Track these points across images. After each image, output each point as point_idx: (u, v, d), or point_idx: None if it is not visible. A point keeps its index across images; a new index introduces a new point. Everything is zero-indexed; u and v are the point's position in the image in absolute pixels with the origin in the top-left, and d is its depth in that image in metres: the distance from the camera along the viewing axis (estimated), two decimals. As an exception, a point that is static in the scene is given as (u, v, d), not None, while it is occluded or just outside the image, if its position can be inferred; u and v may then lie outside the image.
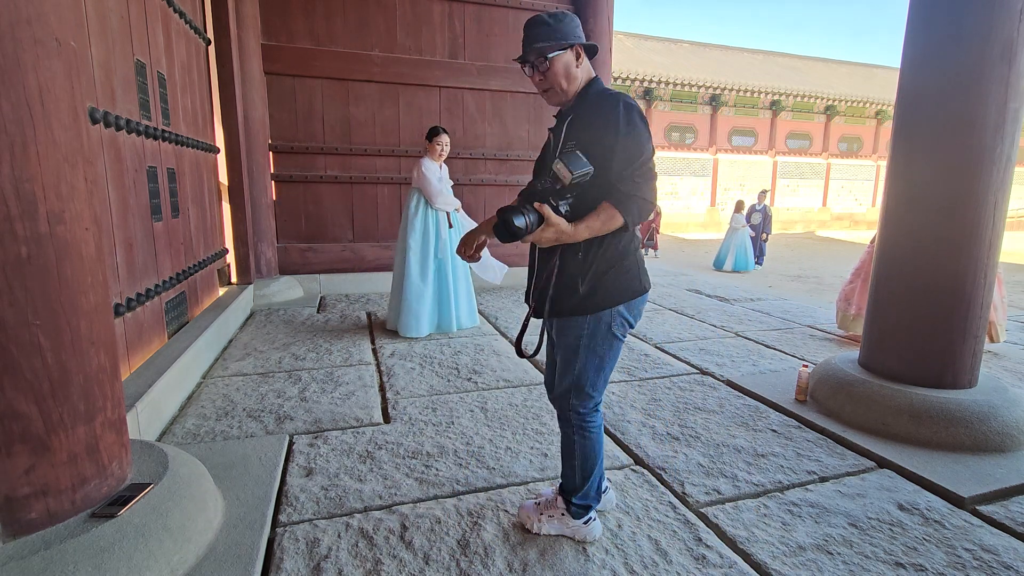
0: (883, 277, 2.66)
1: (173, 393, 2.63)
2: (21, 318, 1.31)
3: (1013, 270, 9.69)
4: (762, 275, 9.33)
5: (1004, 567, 1.62)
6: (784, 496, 1.98)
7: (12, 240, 1.29)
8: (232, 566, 1.50)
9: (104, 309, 1.55)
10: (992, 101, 2.29)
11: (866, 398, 2.51)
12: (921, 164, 2.47)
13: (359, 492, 1.95)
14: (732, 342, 4.01)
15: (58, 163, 1.37)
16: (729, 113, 19.70)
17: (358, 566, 1.57)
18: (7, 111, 1.26)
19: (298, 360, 3.40)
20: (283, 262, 5.48)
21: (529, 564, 1.59)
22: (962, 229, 2.39)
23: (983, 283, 2.43)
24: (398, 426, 2.50)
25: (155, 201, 3.03)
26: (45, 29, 1.34)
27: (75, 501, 1.43)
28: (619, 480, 2.06)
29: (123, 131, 2.61)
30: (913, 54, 2.49)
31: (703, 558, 1.63)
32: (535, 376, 3.21)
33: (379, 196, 5.69)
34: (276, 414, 2.59)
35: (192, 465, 1.79)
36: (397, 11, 5.43)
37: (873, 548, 1.70)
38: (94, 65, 2.35)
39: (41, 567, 1.28)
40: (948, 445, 2.29)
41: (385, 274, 5.71)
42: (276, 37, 5.14)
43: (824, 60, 23.61)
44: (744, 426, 2.56)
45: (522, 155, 6.09)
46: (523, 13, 5.84)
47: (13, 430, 1.33)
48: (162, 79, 3.24)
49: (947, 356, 2.47)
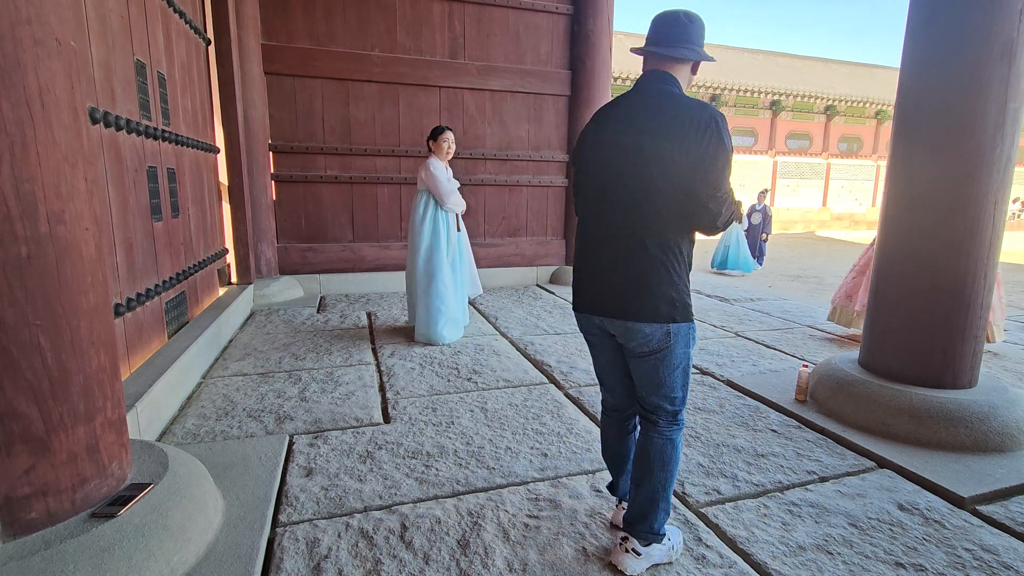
0: (883, 277, 2.66)
1: (173, 393, 2.63)
2: (21, 318, 1.31)
3: (1013, 270, 9.68)
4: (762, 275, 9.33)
5: (1004, 567, 1.62)
6: (784, 496, 1.98)
7: (12, 240, 1.29)
8: (232, 566, 1.50)
9: (104, 309, 1.55)
10: (992, 101, 2.29)
11: (866, 398, 2.51)
12: (921, 164, 2.47)
13: (359, 492, 1.95)
14: (732, 342, 4.01)
15: (58, 163, 1.37)
16: (729, 113, 19.67)
17: (358, 566, 1.57)
18: (7, 111, 1.26)
19: (298, 360, 3.40)
20: (283, 262, 5.48)
21: (529, 564, 1.59)
22: (962, 229, 2.39)
23: (983, 283, 2.43)
24: (398, 426, 2.50)
25: (155, 201, 3.03)
26: (45, 29, 1.34)
27: (75, 501, 1.43)
28: (619, 480, 2.06)
29: (123, 131, 2.61)
30: (913, 54, 2.49)
31: (703, 558, 1.63)
32: (535, 376, 3.21)
33: (379, 196, 5.69)
34: (276, 414, 2.59)
35: (192, 465, 1.79)
36: (397, 11, 5.43)
37: (873, 548, 1.70)
38: (94, 65, 2.35)
39: (41, 567, 1.28)
40: (948, 445, 2.29)
41: (385, 274, 5.72)
42: (276, 37, 5.14)
43: (824, 60, 23.59)
44: (744, 426, 2.56)
45: (522, 155, 6.09)
46: (523, 13, 5.84)
47: (13, 430, 1.32)
48: (162, 79, 3.24)
49: (947, 356, 2.47)
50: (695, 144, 1.35)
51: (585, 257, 1.58)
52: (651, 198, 1.41)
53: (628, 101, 1.49)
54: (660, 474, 1.55)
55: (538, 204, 6.32)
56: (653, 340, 1.48)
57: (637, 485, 1.57)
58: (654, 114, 1.41)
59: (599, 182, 1.50)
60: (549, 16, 5.97)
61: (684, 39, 1.45)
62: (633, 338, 1.50)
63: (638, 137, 1.40)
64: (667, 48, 1.45)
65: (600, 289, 1.53)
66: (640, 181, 1.41)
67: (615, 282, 1.49)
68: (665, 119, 1.39)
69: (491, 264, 6.10)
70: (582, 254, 1.60)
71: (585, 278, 1.58)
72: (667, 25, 1.46)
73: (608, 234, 1.49)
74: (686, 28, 1.45)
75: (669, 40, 1.45)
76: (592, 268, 1.55)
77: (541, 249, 6.40)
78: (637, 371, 1.56)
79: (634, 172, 1.42)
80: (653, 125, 1.39)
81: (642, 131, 1.40)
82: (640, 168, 1.40)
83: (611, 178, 1.47)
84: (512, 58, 5.89)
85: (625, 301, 1.47)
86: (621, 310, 1.49)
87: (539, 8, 5.88)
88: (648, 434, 1.58)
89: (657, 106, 1.42)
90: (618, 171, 1.45)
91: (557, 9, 5.95)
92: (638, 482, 1.57)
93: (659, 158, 1.37)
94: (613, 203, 1.47)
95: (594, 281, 1.54)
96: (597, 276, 1.53)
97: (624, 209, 1.45)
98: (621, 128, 1.45)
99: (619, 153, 1.44)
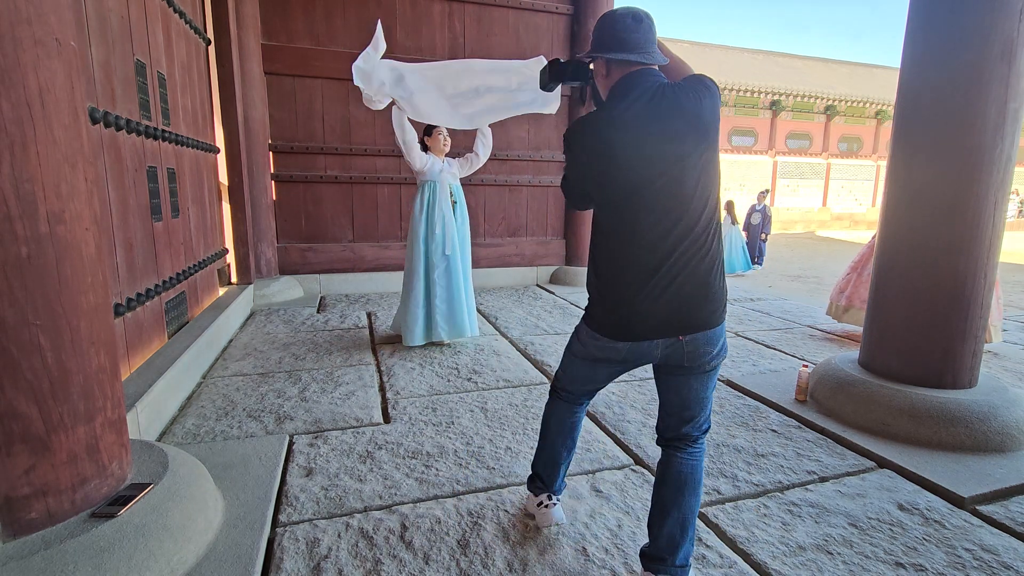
0: (883, 277, 2.66)
1: (173, 393, 2.63)
2: (21, 318, 1.31)
3: (1013, 270, 9.68)
4: (762, 275, 9.33)
5: (1004, 567, 1.62)
6: (784, 496, 1.98)
7: (12, 240, 1.29)
8: (232, 566, 1.50)
9: (104, 309, 1.55)
10: (992, 101, 2.29)
11: (866, 398, 2.51)
12: (921, 164, 2.47)
13: (359, 492, 1.95)
14: (732, 342, 4.01)
15: (58, 163, 1.37)
16: (729, 113, 19.69)
17: (358, 566, 1.57)
18: (7, 111, 1.26)
19: (298, 360, 3.40)
20: (283, 262, 5.48)
21: (529, 564, 1.59)
22: (962, 229, 2.39)
23: (983, 283, 2.43)
24: (398, 426, 2.50)
25: (155, 201, 3.03)
26: (45, 29, 1.34)
27: (75, 501, 1.43)
28: (619, 480, 2.06)
29: (123, 131, 2.61)
30: (913, 54, 2.49)
31: (703, 558, 1.63)
32: (535, 376, 3.21)
33: (379, 196, 5.69)
34: (276, 414, 2.59)
35: (192, 465, 1.79)
36: (397, 11, 5.43)
37: (873, 548, 1.70)
38: (94, 65, 2.35)
39: (41, 567, 1.28)
40: (948, 445, 2.29)
41: (385, 274, 5.72)
42: (276, 37, 5.14)
43: (824, 60, 23.58)
44: (744, 426, 2.56)
45: (522, 155, 6.09)
46: (523, 13, 5.84)
47: (13, 430, 1.32)
48: (162, 79, 3.24)
49: (947, 356, 2.47)
50: (709, 111, 1.32)
51: (634, 277, 1.35)
52: (708, 179, 1.33)
53: (639, 95, 1.35)
54: (691, 499, 1.44)
55: (538, 204, 6.32)
56: (722, 343, 1.40)
57: (665, 514, 1.44)
58: (672, 94, 1.33)
59: (650, 186, 1.32)
60: (549, 16, 5.97)
61: (653, 39, 1.42)
62: (708, 349, 1.38)
63: (671, 124, 1.31)
64: (657, 56, 1.41)
65: (667, 308, 1.34)
66: (695, 171, 1.32)
67: (689, 292, 1.34)
68: (681, 93, 1.33)
69: (491, 264, 6.10)
70: (625, 274, 1.37)
71: (641, 301, 1.35)
72: (649, 30, 1.40)
73: (670, 240, 1.33)
74: (651, 27, 1.41)
75: (651, 44, 1.41)
76: (651, 287, 1.34)
77: (541, 249, 6.40)
78: (692, 390, 1.43)
79: (684, 162, 1.31)
80: (679, 103, 1.32)
81: (673, 115, 1.31)
82: (688, 158, 1.31)
83: (667, 169, 1.31)
84: (512, 58, 5.88)
85: (701, 310, 1.35)
86: (702, 321, 1.35)
87: (539, 8, 5.88)
88: (679, 457, 1.47)
89: (667, 88, 1.35)
90: (668, 167, 1.31)
91: (557, 9, 5.95)
92: (666, 510, 1.44)
93: (696, 135, 1.31)
94: (669, 204, 1.33)
95: (657, 302, 1.34)
96: (661, 294, 1.34)
97: (682, 205, 1.32)
98: (655, 117, 1.32)
99: (661, 148, 1.31)
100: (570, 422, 1.72)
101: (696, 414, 1.47)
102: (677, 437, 1.49)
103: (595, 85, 1.53)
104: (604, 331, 1.44)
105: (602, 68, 1.46)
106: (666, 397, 1.50)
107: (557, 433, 1.73)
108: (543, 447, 1.76)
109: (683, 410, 1.47)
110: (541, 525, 1.73)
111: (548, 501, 1.75)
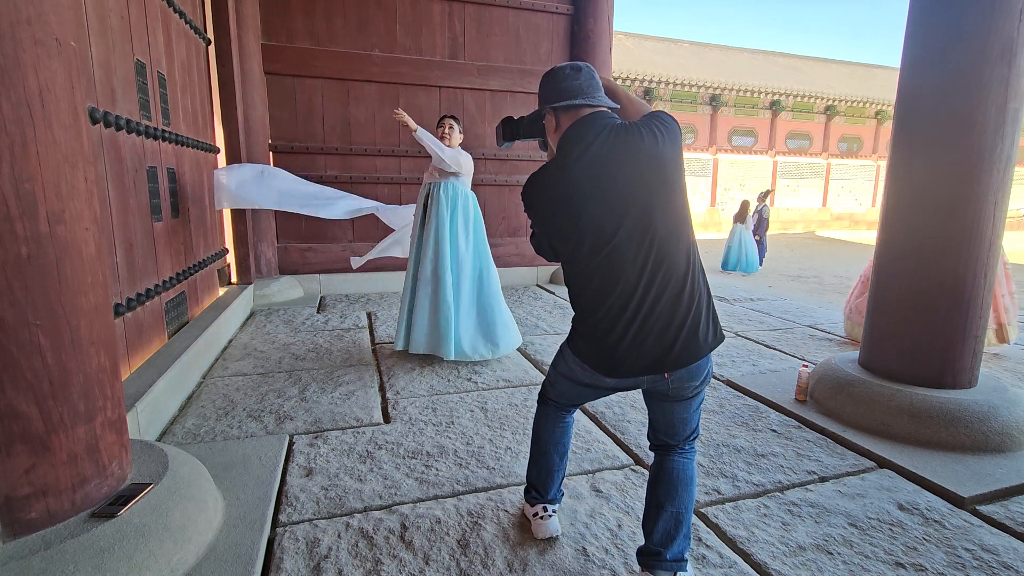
0: (883, 277, 2.67)
1: (173, 393, 2.63)
2: (21, 318, 1.31)
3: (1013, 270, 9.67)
4: (762, 275, 9.33)
5: (1004, 567, 1.62)
6: (784, 496, 1.98)
7: (12, 240, 1.29)
8: (232, 566, 1.50)
9: (104, 309, 1.55)
10: (992, 101, 2.29)
11: (866, 398, 2.51)
12: (921, 164, 2.47)
13: (359, 492, 1.95)
14: (732, 342, 4.01)
15: (58, 163, 1.37)
16: (729, 113, 19.69)
17: (358, 566, 1.57)
18: (7, 111, 1.26)
19: (298, 360, 3.40)
20: (283, 262, 5.48)
21: (529, 563, 1.59)
22: (962, 229, 2.39)
23: (983, 283, 2.43)
24: (398, 426, 2.50)
25: (155, 201, 3.03)
26: (45, 29, 1.34)
27: (75, 501, 1.43)
28: (619, 480, 2.06)
29: (123, 131, 2.61)
30: (913, 54, 2.49)
31: (703, 558, 1.63)
32: (535, 376, 3.21)
33: (379, 196, 5.67)
34: (276, 414, 2.59)
35: (192, 465, 1.79)
36: (397, 11, 5.43)
37: (873, 548, 1.70)
38: (94, 65, 2.35)
39: (41, 567, 1.28)
40: (948, 445, 2.29)
41: (385, 274, 5.72)
42: (276, 37, 5.14)
43: (824, 60, 23.58)
44: (744, 426, 2.56)
45: (522, 155, 6.09)
46: (523, 13, 5.85)
47: (13, 430, 1.32)
48: (162, 79, 3.24)
49: (947, 356, 2.47)
50: (670, 149, 1.33)
51: (611, 325, 1.34)
52: (677, 218, 1.32)
53: (591, 140, 1.34)
54: (685, 495, 1.46)
55: (538, 204, 6.32)
56: (706, 372, 1.41)
57: (659, 509, 1.46)
58: (626, 134, 1.32)
59: (617, 232, 1.31)
60: (549, 16, 5.97)
61: (597, 85, 1.44)
62: (692, 384, 1.39)
63: (630, 166, 1.30)
64: (603, 100, 1.42)
65: (649, 353, 1.33)
66: (662, 213, 1.31)
67: (672, 336, 1.32)
68: (635, 132, 1.32)
69: (491, 264, 6.09)
70: (601, 324, 1.36)
71: (623, 349, 1.34)
72: (591, 76, 1.42)
73: (644, 286, 1.31)
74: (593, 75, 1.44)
75: (595, 90, 1.42)
76: (631, 337, 1.33)
77: (541, 249, 6.39)
78: (676, 413, 1.46)
79: (650, 204, 1.30)
80: (634, 144, 1.31)
81: (630, 156, 1.30)
82: (652, 199, 1.30)
83: (632, 214, 1.30)
84: (512, 58, 5.90)
85: (685, 351, 1.33)
86: (687, 359, 1.33)
87: (539, 8, 5.89)
88: (670, 458, 1.50)
89: (620, 129, 1.34)
90: (631, 210, 1.30)
91: (557, 9, 5.96)
92: (660, 506, 1.46)
93: (659, 177, 1.31)
94: (639, 250, 1.31)
95: (641, 347, 1.33)
96: (643, 340, 1.33)
97: (654, 249, 1.31)
98: (610, 161, 1.31)
99: (622, 192, 1.30)
100: (560, 428, 1.73)
101: (682, 431, 1.50)
102: (666, 445, 1.53)
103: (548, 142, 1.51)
104: (589, 364, 1.46)
105: (552, 122, 1.45)
106: (653, 416, 1.54)
107: (548, 441, 1.73)
108: (536, 457, 1.75)
109: (668, 427, 1.51)
110: (537, 536, 1.72)
111: (544, 512, 1.73)
